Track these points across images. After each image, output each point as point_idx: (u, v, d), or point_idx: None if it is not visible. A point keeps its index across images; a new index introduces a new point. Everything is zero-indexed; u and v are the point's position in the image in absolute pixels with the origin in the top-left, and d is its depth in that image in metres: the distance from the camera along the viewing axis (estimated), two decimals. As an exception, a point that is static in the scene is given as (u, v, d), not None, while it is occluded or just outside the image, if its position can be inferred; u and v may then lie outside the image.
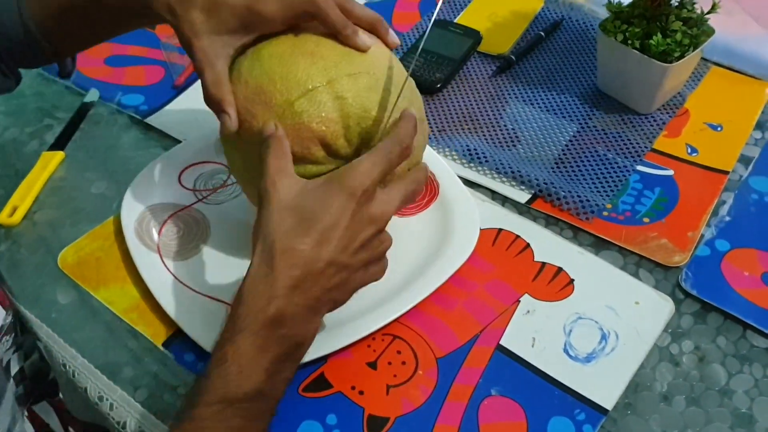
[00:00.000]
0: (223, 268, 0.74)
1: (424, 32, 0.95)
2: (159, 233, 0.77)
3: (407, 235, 0.76)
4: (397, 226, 0.77)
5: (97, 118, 0.94)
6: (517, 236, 0.77)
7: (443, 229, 0.76)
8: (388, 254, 0.63)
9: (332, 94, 0.61)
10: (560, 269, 0.74)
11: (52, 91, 0.98)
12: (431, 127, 0.89)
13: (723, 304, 0.70)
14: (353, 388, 0.66)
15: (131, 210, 0.78)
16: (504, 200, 0.81)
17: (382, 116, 0.62)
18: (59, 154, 0.88)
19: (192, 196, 0.81)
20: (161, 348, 0.69)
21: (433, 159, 0.82)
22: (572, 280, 0.73)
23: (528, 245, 0.76)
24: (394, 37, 0.67)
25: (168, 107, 0.94)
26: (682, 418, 0.63)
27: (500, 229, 0.78)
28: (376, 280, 0.61)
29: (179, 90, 0.97)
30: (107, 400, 0.67)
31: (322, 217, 0.55)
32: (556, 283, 0.73)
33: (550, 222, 0.79)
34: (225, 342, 0.53)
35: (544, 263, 0.74)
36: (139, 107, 0.94)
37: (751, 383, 0.65)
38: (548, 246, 0.76)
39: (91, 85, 0.98)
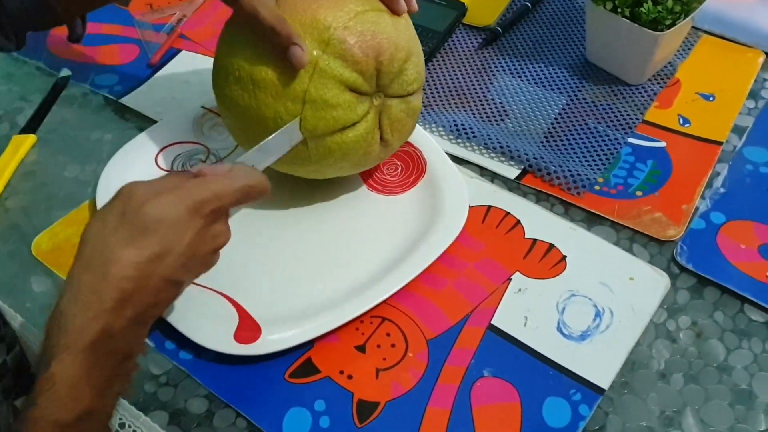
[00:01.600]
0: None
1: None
2: None
3: (394, 214, 0.74)
4: (384, 205, 0.75)
5: (69, 99, 0.91)
6: (508, 213, 0.75)
7: (431, 207, 0.74)
8: (376, 233, 0.60)
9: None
10: (552, 246, 0.72)
11: (22, 72, 0.95)
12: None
13: (720, 278, 0.68)
14: (341, 372, 0.64)
15: (107, 194, 0.74)
16: (493, 176, 0.79)
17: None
18: (31, 138, 0.85)
19: None
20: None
21: (421, 135, 0.80)
22: (564, 257, 0.71)
23: (518, 222, 0.74)
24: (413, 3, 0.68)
25: (143, 87, 0.91)
26: (680, 396, 0.62)
27: (490, 206, 0.75)
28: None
29: (155, 69, 0.93)
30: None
31: (165, 231, 0.50)
32: (548, 260, 0.71)
33: (540, 198, 0.77)
34: (50, 361, 0.47)
35: (535, 240, 0.72)
36: (113, 87, 0.91)
37: (750, 359, 0.64)
38: (539, 222, 0.74)
39: (63, 65, 0.94)
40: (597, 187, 0.77)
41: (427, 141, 0.79)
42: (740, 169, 0.78)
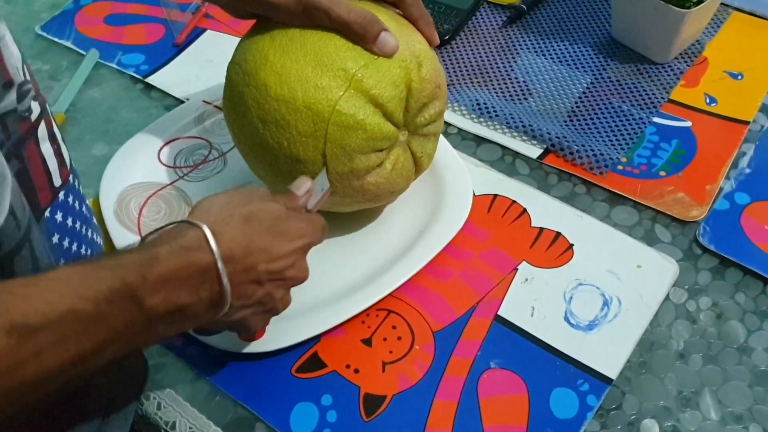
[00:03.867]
0: None
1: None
2: (139, 214, 0.74)
3: (398, 206, 0.74)
4: None
5: (97, 78, 0.92)
6: (514, 201, 0.74)
7: (435, 198, 0.73)
8: (380, 226, 0.64)
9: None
10: (559, 234, 0.71)
11: (51, 52, 0.96)
12: (439, 82, 0.86)
13: (742, 259, 0.68)
14: (348, 366, 0.64)
15: (110, 192, 0.75)
16: (515, 156, 0.79)
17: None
18: (59, 116, 0.87)
19: (173, 173, 0.78)
20: None
21: None
22: (571, 245, 0.70)
23: (525, 210, 0.73)
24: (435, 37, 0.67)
25: (169, 66, 0.92)
26: (698, 377, 0.62)
27: (496, 195, 0.75)
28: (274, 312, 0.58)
29: (180, 48, 0.94)
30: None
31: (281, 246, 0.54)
32: (554, 249, 0.70)
33: (562, 177, 0.76)
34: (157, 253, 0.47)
35: (542, 228, 0.72)
36: (139, 66, 0.92)
37: (771, 340, 0.63)
38: (546, 210, 0.73)
39: (90, 45, 0.95)
40: (620, 167, 0.76)
41: None
42: (767, 149, 0.77)
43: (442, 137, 0.77)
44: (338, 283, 0.68)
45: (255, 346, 0.64)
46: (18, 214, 0.45)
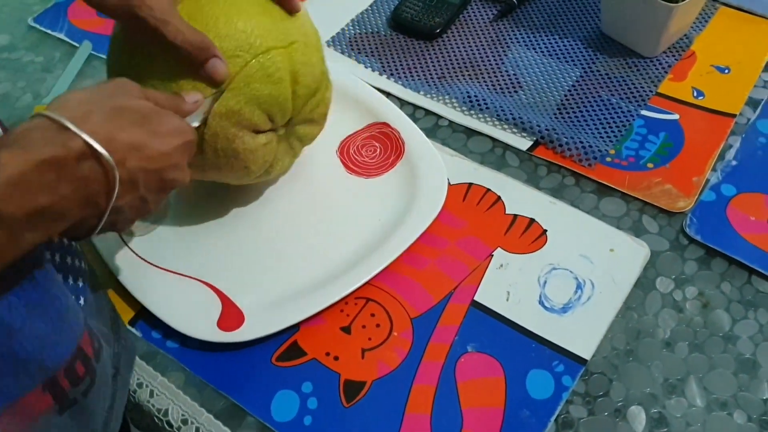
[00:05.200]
0: (186, 242, 0.72)
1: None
2: None
3: (375, 195, 0.75)
4: (363, 187, 0.76)
5: (90, 70, 0.92)
6: (488, 190, 0.75)
7: (411, 187, 0.74)
8: (357, 215, 0.65)
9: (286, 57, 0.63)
10: (532, 221, 0.72)
11: (44, 44, 0.96)
12: (430, 75, 0.87)
13: (728, 250, 0.69)
14: (328, 354, 0.65)
15: None
16: (505, 148, 0.80)
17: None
18: (52, 108, 0.87)
19: None
20: (128, 326, 0.68)
21: (398, 116, 0.80)
22: (545, 231, 0.71)
23: (499, 198, 0.74)
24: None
25: (162, 58, 0.92)
26: (684, 365, 0.63)
27: (471, 184, 0.76)
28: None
29: (173, 40, 0.94)
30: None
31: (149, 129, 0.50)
32: (528, 235, 0.71)
33: (552, 169, 0.77)
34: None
35: (515, 216, 0.73)
36: (132, 59, 0.92)
37: (756, 329, 0.64)
38: (520, 198, 0.74)
39: (84, 37, 0.96)
40: (608, 159, 0.77)
41: (405, 122, 0.79)
42: (753, 141, 0.78)
43: (415, 127, 0.79)
44: (316, 272, 0.69)
45: (235, 336, 0.64)
46: None
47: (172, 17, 0.57)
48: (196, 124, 0.58)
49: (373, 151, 0.79)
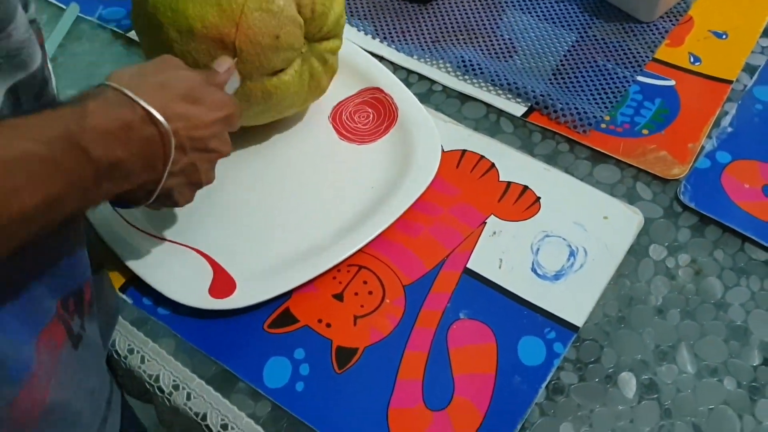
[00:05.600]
0: (177, 210, 0.71)
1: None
2: None
3: (368, 162, 0.74)
4: (356, 153, 0.75)
5: (78, 33, 0.91)
6: (482, 157, 0.74)
7: (404, 154, 0.73)
8: (349, 182, 0.67)
9: None
10: (526, 188, 0.72)
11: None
12: (424, 38, 0.86)
13: (722, 217, 0.69)
14: (320, 321, 0.64)
15: None
16: (499, 114, 0.79)
17: None
18: (40, 71, 0.85)
19: None
20: (119, 293, 0.68)
21: (393, 82, 0.79)
22: (538, 198, 0.71)
23: (493, 165, 0.74)
24: None
25: (151, 21, 0.90)
26: (676, 332, 0.63)
27: (464, 151, 0.75)
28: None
29: (162, 3, 0.93)
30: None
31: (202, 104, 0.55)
32: (522, 202, 0.71)
33: (546, 135, 0.76)
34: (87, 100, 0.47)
35: (509, 183, 0.72)
36: (121, 21, 0.91)
37: (748, 296, 0.65)
38: (514, 165, 0.74)
39: (71, -1, 0.94)
40: (603, 125, 0.76)
41: (398, 87, 0.78)
42: (749, 108, 0.77)
43: (409, 93, 0.78)
44: (309, 239, 0.68)
45: (227, 303, 0.64)
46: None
47: None
48: (232, 90, 0.62)
49: (366, 117, 0.78)
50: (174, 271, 0.67)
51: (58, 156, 0.43)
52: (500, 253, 0.68)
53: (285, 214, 0.71)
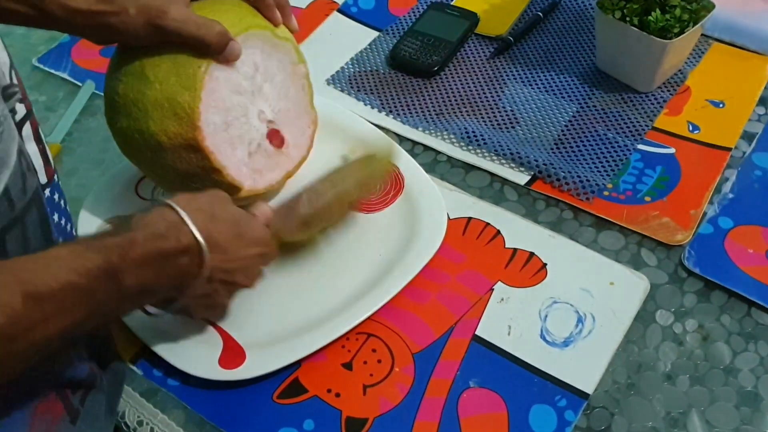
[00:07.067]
0: None
1: (421, 15, 0.95)
2: None
3: (375, 230, 0.75)
4: (363, 222, 0.76)
5: (93, 109, 0.94)
6: (487, 224, 0.76)
7: (411, 222, 0.74)
8: (357, 251, 0.71)
9: None
10: (532, 254, 0.73)
11: (48, 83, 0.98)
12: (429, 111, 0.88)
13: (727, 282, 0.69)
14: (329, 391, 0.64)
15: (88, 227, 0.75)
16: (503, 182, 0.80)
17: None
18: (55, 146, 0.88)
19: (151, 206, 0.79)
20: (129, 365, 0.68)
21: (397, 152, 0.80)
22: (545, 265, 0.72)
23: (498, 232, 0.75)
24: (294, 23, 0.73)
25: (164, 97, 0.93)
26: (686, 398, 0.63)
27: (470, 218, 0.76)
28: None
29: (175, 79, 0.96)
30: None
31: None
32: (528, 269, 0.72)
33: (550, 203, 0.78)
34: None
35: (515, 249, 0.73)
36: (134, 98, 0.94)
37: (757, 361, 0.65)
38: (519, 232, 0.75)
39: (86, 76, 0.97)
40: (606, 193, 0.78)
41: (405, 157, 0.80)
42: (749, 174, 0.79)
43: (415, 163, 0.79)
44: (317, 308, 0.69)
45: (236, 374, 0.64)
46: (14, 197, 0.49)
47: (189, 16, 0.63)
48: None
49: (373, 187, 0.79)
50: (184, 342, 0.67)
51: (93, 286, 0.46)
52: (509, 320, 0.68)
53: (293, 282, 0.71)
